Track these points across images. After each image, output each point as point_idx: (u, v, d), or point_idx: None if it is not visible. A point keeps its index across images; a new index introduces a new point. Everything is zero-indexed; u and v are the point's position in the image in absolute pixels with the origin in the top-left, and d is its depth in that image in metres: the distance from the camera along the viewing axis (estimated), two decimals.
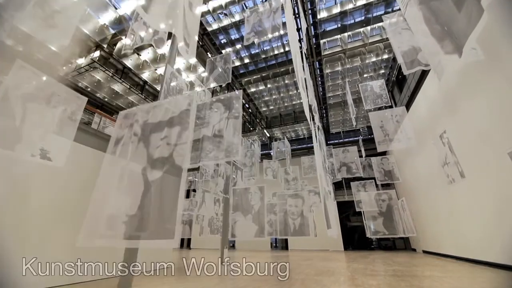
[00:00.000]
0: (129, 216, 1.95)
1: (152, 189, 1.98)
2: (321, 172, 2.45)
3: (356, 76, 13.69)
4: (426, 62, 3.71)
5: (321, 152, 4.80)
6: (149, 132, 2.28)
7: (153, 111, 2.40)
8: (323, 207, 2.13)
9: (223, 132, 4.24)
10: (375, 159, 11.17)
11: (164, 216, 1.83)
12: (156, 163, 2.07)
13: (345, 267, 7.67)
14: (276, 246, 19.90)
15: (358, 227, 17.99)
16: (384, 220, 8.92)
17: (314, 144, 2.78)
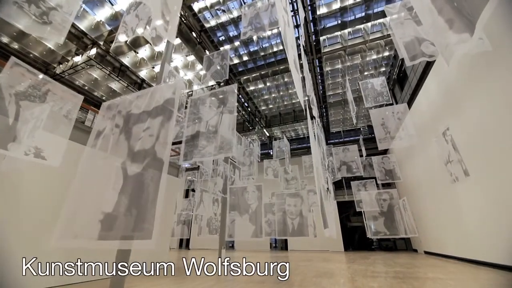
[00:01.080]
0: (105, 214, 1.78)
1: (131, 184, 1.80)
2: (319, 166, 2.28)
3: (357, 74, 13.50)
4: (430, 53, 3.52)
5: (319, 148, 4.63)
6: (131, 123, 2.11)
7: (136, 101, 2.23)
8: (320, 205, 1.97)
9: (217, 128, 4.06)
10: (375, 158, 10.98)
11: (142, 214, 1.65)
12: (137, 156, 1.90)
13: (345, 268, 7.47)
14: (275, 247, 19.71)
15: (358, 227, 17.79)
16: (385, 220, 8.73)
17: (311, 135, 2.59)
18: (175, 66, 13.02)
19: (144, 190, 1.73)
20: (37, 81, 5.05)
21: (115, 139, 2.09)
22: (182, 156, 4.19)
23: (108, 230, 1.71)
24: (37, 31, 3.99)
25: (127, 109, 2.23)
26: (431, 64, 8.71)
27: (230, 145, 3.78)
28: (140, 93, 2.30)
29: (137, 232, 1.63)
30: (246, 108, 16.06)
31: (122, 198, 1.78)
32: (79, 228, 1.88)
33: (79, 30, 10.83)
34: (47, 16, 3.84)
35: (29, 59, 12.21)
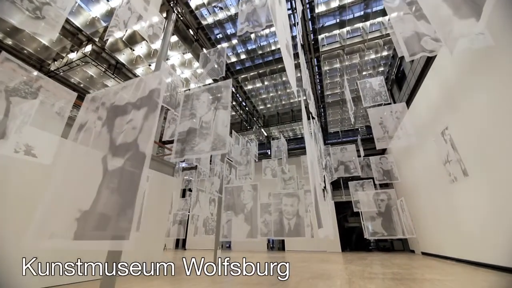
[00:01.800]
0: (82, 212, 1.64)
1: (110, 180, 1.67)
2: (314, 162, 2.17)
3: (355, 74, 13.43)
4: (430, 48, 3.41)
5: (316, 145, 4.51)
6: (114, 115, 1.97)
7: (121, 92, 2.10)
8: (314, 204, 1.85)
9: (211, 124, 3.92)
10: (373, 159, 10.90)
11: (120, 212, 1.52)
12: (118, 150, 1.77)
13: (342, 269, 7.36)
14: (272, 247, 19.58)
15: (356, 228, 17.72)
16: (383, 221, 8.64)
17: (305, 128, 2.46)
18: (172, 64, 12.87)
19: (124, 186, 1.60)
20: (29, 77, 4.90)
21: (97, 133, 1.96)
22: (174, 153, 4.05)
23: (84, 229, 1.57)
24: (30, 26, 3.87)
25: (111, 100, 2.09)
26: (430, 64, 8.64)
27: (223, 142, 3.65)
28: (125, 83, 2.17)
29: (115, 232, 1.49)
30: (244, 107, 15.92)
31: (101, 194, 1.65)
32: (55, 227, 1.73)
33: (74, 26, 10.64)
34: (40, 11, 3.72)
35: (23, 56, 12.00)
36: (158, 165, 9.30)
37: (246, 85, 14.76)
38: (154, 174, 8.15)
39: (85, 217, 1.62)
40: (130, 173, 1.64)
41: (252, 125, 17.69)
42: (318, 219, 1.86)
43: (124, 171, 1.66)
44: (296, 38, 9.14)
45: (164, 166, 9.67)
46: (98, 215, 1.58)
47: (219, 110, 4.00)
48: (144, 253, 7.64)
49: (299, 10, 5.04)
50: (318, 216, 1.88)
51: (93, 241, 1.59)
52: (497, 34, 4.24)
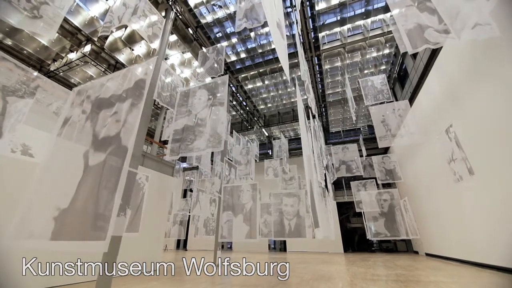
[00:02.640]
0: (60, 211, 1.53)
1: (91, 176, 1.56)
2: (310, 155, 2.04)
3: (356, 72, 13.26)
4: (434, 40, 3.26)
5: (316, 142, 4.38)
6: (99, 108, 1.87)
7: (107, 84, 1.99)
8: (310, 201, 1.73)
9: (206, 121, 3.80)
10: (376, 158, 10.73)
11: (98, 210, 1.41)
12: (101, 144, 1.66)
13: (344, 270, 7.20)
14: (274, 248, 19.41)
15: (358, 228, 17.51)
16: (386, 221, 8.46)
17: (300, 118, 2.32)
18: (172, 63, 12.79)
19: (103, 183, 1.49)
20: (26, 77, 4.84)
21: (81, 127, 1.85)
22: (169, 151, 3.94)
23: (61, 229, 1.46)
24: (28, 26, 3.81)
25: (97, 93, 1.99)
26: (433, 61, 8.47)
27: (219, 139, 3.53)
28: (112, 75, 2.07)
29: (91, 232, 1.38)
30: (245, 107, 15.81)
31: (79, 192, 1.54)
32: (34, 226, 1.62)
33: (73, 26, 10.60)
34: (37, 11, 3.66)
35: (23, 56, 11.99)
36: (157, 165, 9.21)
37: (247, 85, 14.65)
38: (153, 174, 8.06)
39: (62, 215, 1.51)
40: (110, 168, 1.53)
41: (253, 125, 17.57)
42: (314, 219, 1.73)
43: (105, 167, 1.56)
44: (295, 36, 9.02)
45: (164, 166, 9.58)
46: (75, 213, 1.47)
47: (215, 107, 3.89)
48: (143, 253, 7.54)
49: (298, 3, 4.89)
50: (314, 215, 1.75)
51: (69, 241, 1.47)
52: (504, 26, 4.09)
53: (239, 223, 5.74)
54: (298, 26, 7.39)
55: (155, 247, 8.20)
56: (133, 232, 4.74)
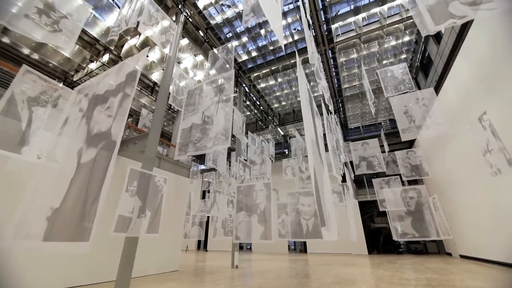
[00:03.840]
0: (53, 210, 1.46)
1: (81, 173, 1.48)
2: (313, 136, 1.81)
3: (374, 63, 12.56)
4: (460, 14, 2.87)
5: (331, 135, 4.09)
6: (94, 105, 1.80)
7: (103, 80, 1.93)
8: (315, 194, 1.51)
9: (213, 118, 3.68)
10: (400, 153, 10.02)
11: (85, 209, 1.31)
12: (93, 141, 1.58)
13: (369, 273, 6.75)
14: (294, 249, 19.00)
15: (383, 228, 16.60)
16: (413, 221, 7.82)
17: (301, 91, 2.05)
18: (185, 67, 12.99)
19: (91, 180, 1.40)
20: (48, 87, 5.08)
21: (77, 125, 1.80)
22: (177, 151, 3.86)
23: (52, 229, 1.39)
24: (50, 39, 3.95)
25: (94, 90, 1.93)
26: (460, 45, 7.74)
27: (226, 136, 3.38)
28: (108, 71, 2.01)
29: (77, 232, 1.29)
30: (258, 106, 15.66)
31: (70, 191, 1.46)
32: (31, 227, 1.57)
33: (91, 37, 11.12)
34: (57, 25, 3.77)
35: (49, 69, 12.82)
36: (173, 167, 9.34)
37: (259, 84, 14.49)
38: (169, 176, 8.16)
39: (54, 215, 1.44)
40: (99, 165, 1.44)
41: (268, 124, 17.36)
42: (320, 216, 1.51)
43: (94, 164, 1.47)
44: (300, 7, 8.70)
45: (180, 168, 9.69)
46: (65, 213, 1.40)
47: (221, 103, 3.75)
48: (162, 254, 7.64)
49: None
50: (320, 212, 1.52)
51: (58, 242, 1.39)
52: None
53: (254, 223, 5.56)
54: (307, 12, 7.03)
55: (174, 248, 8.28)
56: (153, 233, 4.80)
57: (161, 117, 6.65)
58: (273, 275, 6.68)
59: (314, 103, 2.79)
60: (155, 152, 6.03)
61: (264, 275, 6.65)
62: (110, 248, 5.77)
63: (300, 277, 6.31)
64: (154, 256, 7.29)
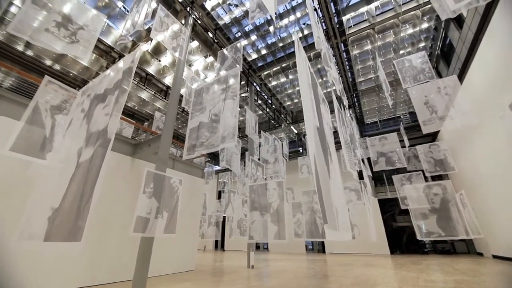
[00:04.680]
0: (53, 210, 1.46)
1: (79, 172, 1.46)
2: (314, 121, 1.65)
3: (390, 54, 11.96)
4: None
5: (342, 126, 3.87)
6: (95, 105, 1.80)
7: (103, 80, 1.92)
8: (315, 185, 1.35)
9: (220, 116, 3.62)
10: (421, 148, 9.42)
11: (80, 208, 1.28)
12: (91, 139, 1.57)
13: (391, 275, 6.40)
14: (311, 249, 18.62)
15: (406, 227, 15.80)
16: (439, 219, 7.31)
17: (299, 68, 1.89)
18: (196, 69, 13.15)
19: (87, 179, 1.37)
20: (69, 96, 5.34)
21: (79, 125, 1.80)
22: (185, 150, 3.83)
23: (51, 230, 1.38)
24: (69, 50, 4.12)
25: (95, 90, 1.93)
26: (485, 26, 7.15)
27: (233, 133, 3.31)
28: (109, 70, 2.00)
29: (71, 232, 1.26)
30: (270, 105, 15.51)
31: (68, 190, 1.45)
32: (33, 227, 1.58)
33: (107, 45, 11.55)
34: (75, 36, 3.92)
35: (70, 78, 13.49)
36: (187, 168, 9.46)
37: (270, 82, 14.34)
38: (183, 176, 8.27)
39: (54, 216, 1.44)
40: (94, 163, 1.41)
41: (281, 122, 17.15)
42: (322, 212, 1.36)
43: (91, 163, 1.45)
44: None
45: (194, 169, 9.80)
46: (62, 213, 1.39)
47: (227, 101, 3.68)
48: (178, 253, 7.74)
49: None
50: (322, 208, 1.38)
51: (55, 243, 1.38)
52: None
53: (267, 223, 5.45)
54: None
55: (190, 248, 8.37)
56: (170, 234, 4.88)
57: (173, 118, 6.73)
58: (289, 275, 6.53)
59: (320, 89, 2.62)
60: (167, 153, 6.11)
61: (280, 276, 6.52)
62: (129, 247, 5.92)
63: (317, 277, 6.11)
64: (170, 256, 7.40)
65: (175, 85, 7.39)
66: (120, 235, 6.10)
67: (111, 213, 6.18)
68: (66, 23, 3.69)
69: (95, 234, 5.72)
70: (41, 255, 4.46)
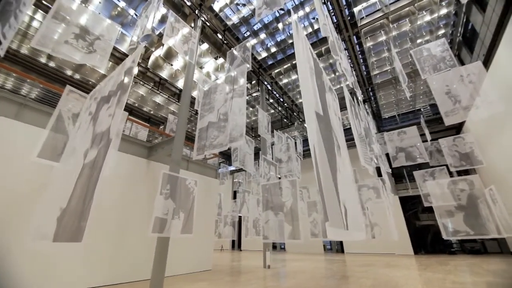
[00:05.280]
0: (62, 210, 1.48)
1: (84, 173, 1.48)
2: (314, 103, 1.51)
3: (407, 44, 11.38)
4: None
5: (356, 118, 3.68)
6: (100, 107, 1.82)
7: (108, 83, 1.94)
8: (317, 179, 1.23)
9: (228, 115, 3.59)
10: (445, 141, 8.85)
11: (83, 209, 1.28)
12: (96, 140, 1.58)
13: (415, 276, 6.06)
14: (330, 249, 18.20)
15: (430, 226, 14.98)
16: (466, 216, 6.81)
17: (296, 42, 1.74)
18: (207, 71, 13.29)
19: (90, 179, 1.37)
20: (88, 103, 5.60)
21: (86, 127, 1.83)
22: (195, 151, 3.84)
23: (59, 230, 1.40)
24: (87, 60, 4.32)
25: (101, 93, 1.96)
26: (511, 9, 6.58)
27: (241, 132, 3.26)
28: (113, 73, 2.02)
29: (74, 232, 1.26)
30: (282, 103, 15.34)
31: (74, 191, 1.46)
32: (45, 227, 1.62)
33: (121, 53, 11.98)
34: (92, 46, 4.10)
35: (89, 86, 14.15)
36: (201, 169, 9.58)
37: (281, 80, 14.18)
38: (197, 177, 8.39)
39: (62, 216, 1.46)
40: (97, 163, 1.41)
41: (293, 121, 16.93)
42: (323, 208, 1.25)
43: (94, 162, 1.45)
44: None
45: (207, 169, 9.91)
46: (69, 213, 1.40)
47: (235, 99, 3.64)
48: (194, 253, 7.84)
49: None
50: (323, 204, 1.27)
51: (61, 243, 1.40)
52: None
53: (281, 222, 5.35)
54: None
55: (206, 248, 8.45)
56: (187, 234, 4.96)
57: (185, 120, 6.81)
58: (306, 276, 6.39)
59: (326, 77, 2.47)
60: (180, 154, 6.19)
61: (297, 276, 6.39)
62: (147, 247, 6.07)
63: (335, 278, 5.92)
64: (187, 256, 7.51)
65: (186, 87, 7.48)
66: (138, 236, 6.28)
67: (129, 214, 6.37)
68: (83, 34, 3.84)
69: (115, 235, 5.93)
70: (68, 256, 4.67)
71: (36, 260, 4.23)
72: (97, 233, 5.42)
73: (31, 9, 9.48)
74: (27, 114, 5.08)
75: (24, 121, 4.96)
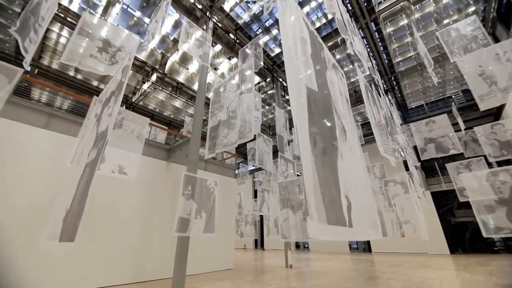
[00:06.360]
0: (67, 211, 1.51)
1: (85, 173, 1.49)
2: (298, 77, 1.33)
3: (432, 26, 10.48)
4: None
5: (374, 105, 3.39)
6: (103, 108, 1.84)
7: (111, 84, 1.97)
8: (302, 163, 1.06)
9: (237, 112, 3.52)
10: (481, 129, 7.98)
11: (79, 208, 1.28)
12: (97, 140, 1.59)
13: (451, 278, 5.54)
14: (356, 248, 17.46)
15: (468, 223, 13.73)
16: (509, 211, 6.07)
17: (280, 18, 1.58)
18: (222, 72, 13.39)
19: (88, 179, 1.37)
20: None
21: (91, 129, 1.87)
22: (207, 150, 3.83)
23: (63, 230, 1.42)
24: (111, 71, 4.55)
25: (106, 95, 1.99)
26: None
27: (250, 128, 3.17)
28: (115, 75, 2.04)
29: (71, 232, 1.26)
30: None
31: (77, 190, 1.48)
32: (55, 228, 1.67)
33: (140, 61, 12.50)
34: (114, 58, 4.29)
35: None
36: (219, 169, 9.66)
37: None
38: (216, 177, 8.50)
39: (66, 216, 1.49)
40: (95, 162, 1.41)
41: None
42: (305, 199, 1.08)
43: (94, 162, 1.45)
44: None
45: (226, 169, 9.97)
46: (71, 213, 1.42)
47: (243, 95, 3.56)
48: (215, 252, 7.92)
49: None
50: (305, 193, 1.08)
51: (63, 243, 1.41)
52: None
53: (298, 220, 5.18)
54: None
55: (227, 247, 8.51)
56: (209, 233, 5.04)
57: (200, 121, 6.88)
58: (330, 276, 6.14)
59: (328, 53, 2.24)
60: (197, 155, 6.27)
61: (320, 276, 6.17)
62: (169, 247, 6.25)
63: (361, 280, 5.60)
64: (208, 255, 7.61)
65: (200, 88, 7.56)
66: (161, 235, 6.48)
67: (152, 214, 6.60)
68: (106, 47, 4.00)
69: (139, 235, 6.17)
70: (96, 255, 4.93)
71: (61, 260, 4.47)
72: (121, 233, 5.69)
73: (58, 27, 10.23)
74: (55, 123, 5.44)
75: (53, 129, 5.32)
